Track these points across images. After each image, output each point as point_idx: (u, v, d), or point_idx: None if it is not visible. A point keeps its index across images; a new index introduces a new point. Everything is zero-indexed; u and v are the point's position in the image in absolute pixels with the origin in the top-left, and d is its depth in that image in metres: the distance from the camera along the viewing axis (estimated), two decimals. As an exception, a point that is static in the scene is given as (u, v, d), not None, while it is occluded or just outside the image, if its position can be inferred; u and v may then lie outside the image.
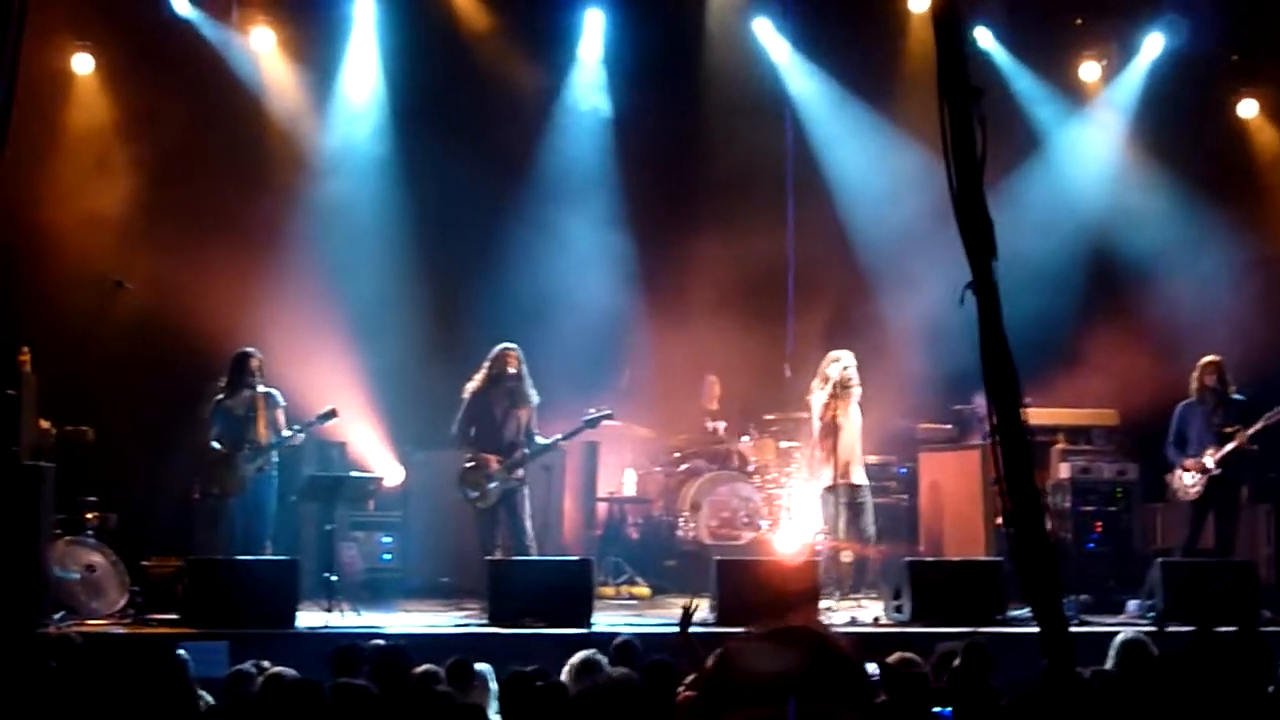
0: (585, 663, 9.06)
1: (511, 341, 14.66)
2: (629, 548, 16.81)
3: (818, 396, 14.94)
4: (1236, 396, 14.92)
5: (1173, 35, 18.14)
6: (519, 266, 17.21)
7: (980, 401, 17.11)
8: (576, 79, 18.17)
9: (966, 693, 8.28)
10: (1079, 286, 17.66)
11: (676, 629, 9.35)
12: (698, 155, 18.09)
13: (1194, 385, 14.99)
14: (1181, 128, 18.31)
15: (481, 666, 9.24)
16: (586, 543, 16.42)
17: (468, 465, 14.36)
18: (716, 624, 13.09)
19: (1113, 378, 16.71)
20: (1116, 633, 9.48)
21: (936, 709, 7.74)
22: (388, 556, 15.89)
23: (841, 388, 14.83)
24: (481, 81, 17.53)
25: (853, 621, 13.72)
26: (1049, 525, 14.29)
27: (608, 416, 14.83)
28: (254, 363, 14.51)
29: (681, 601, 14.99)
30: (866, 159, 18.11)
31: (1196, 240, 17.91)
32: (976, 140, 4.47)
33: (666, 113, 18.18)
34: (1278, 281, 17.55)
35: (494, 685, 8.99)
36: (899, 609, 13.69)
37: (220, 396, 14.46)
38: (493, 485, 14.24)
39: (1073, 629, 4.40)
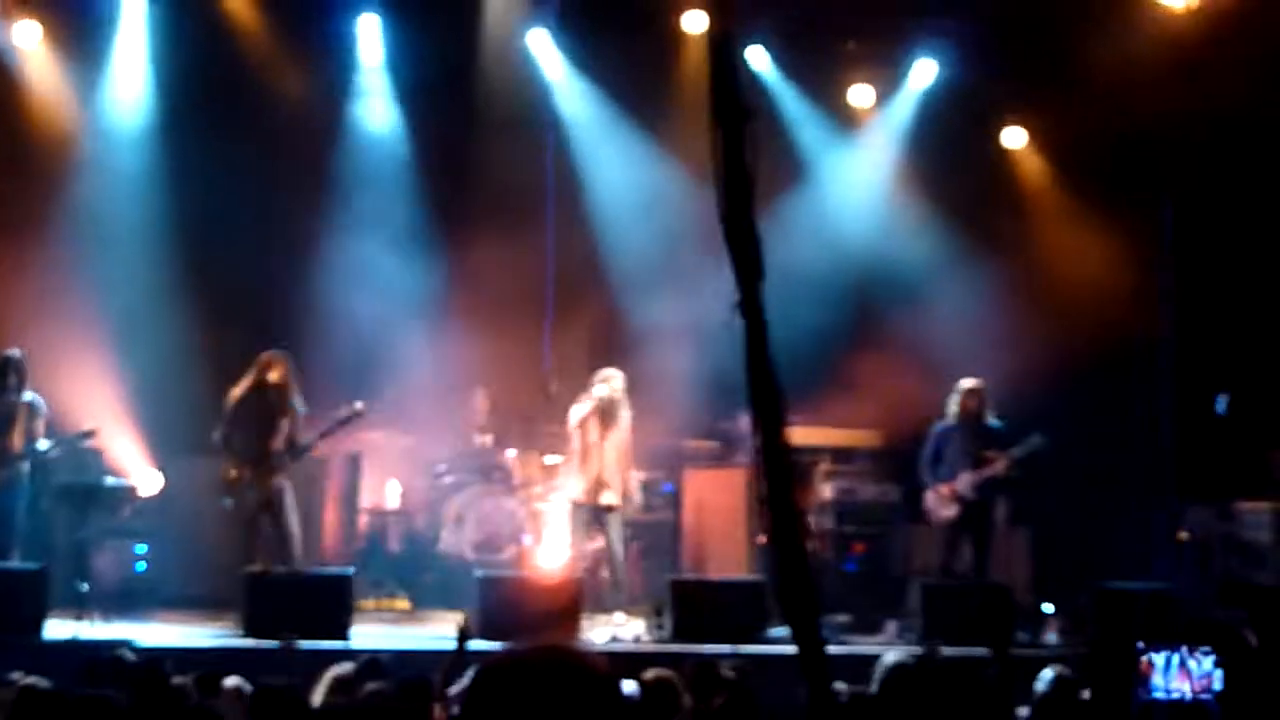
0: (338, 680, 8.94)
1: (279, 349, 14.42)
2: (390, 560, 16.63)
3: (577, 411, 14.88)
4: (994, 422, 15.15)
5: (943, 63, 18.45)
6: (287, 274, 16.94)
7: (744, 420, 17.26)
8: (352, 86, 17.97)
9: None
10: (846, 309, 17.83)
11: (454, 645, 9.29)
12: (469, 167, 17.98)
13: (954, 409, 15.18)
14: (950, 154, 18.61)
15: (233, 680, 9.09)
16: (347, 555, 16.17)
17: (229, 474, 14.05)
18: (481, 637, 13.05)
19: (877, 400, 16.90)
20: (876, 654, 9.58)
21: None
22: (143, 566, 15.51)
23: (607, 407, 14.78)
24: (255, 85, 17.25)
25: (614, 639, 13.72)
26: (811, 545, 14.47)
27: (360, 414, 14.56)
28: (13, 367, 14.15)
29: (443, 616, 15.03)
30: (631, 176, 18.16)
31: (961, 266, 18.22)
32: (747, 162, 4.44)
33: (441, 123, 18.03)
34: (1038, 308, 17.91)
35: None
36: (660, 626, 13.71)
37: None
38: (252, 495, 13.96)
39: (832, 649, 4.39)
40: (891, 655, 9.38)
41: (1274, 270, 17.35)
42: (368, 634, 13.24)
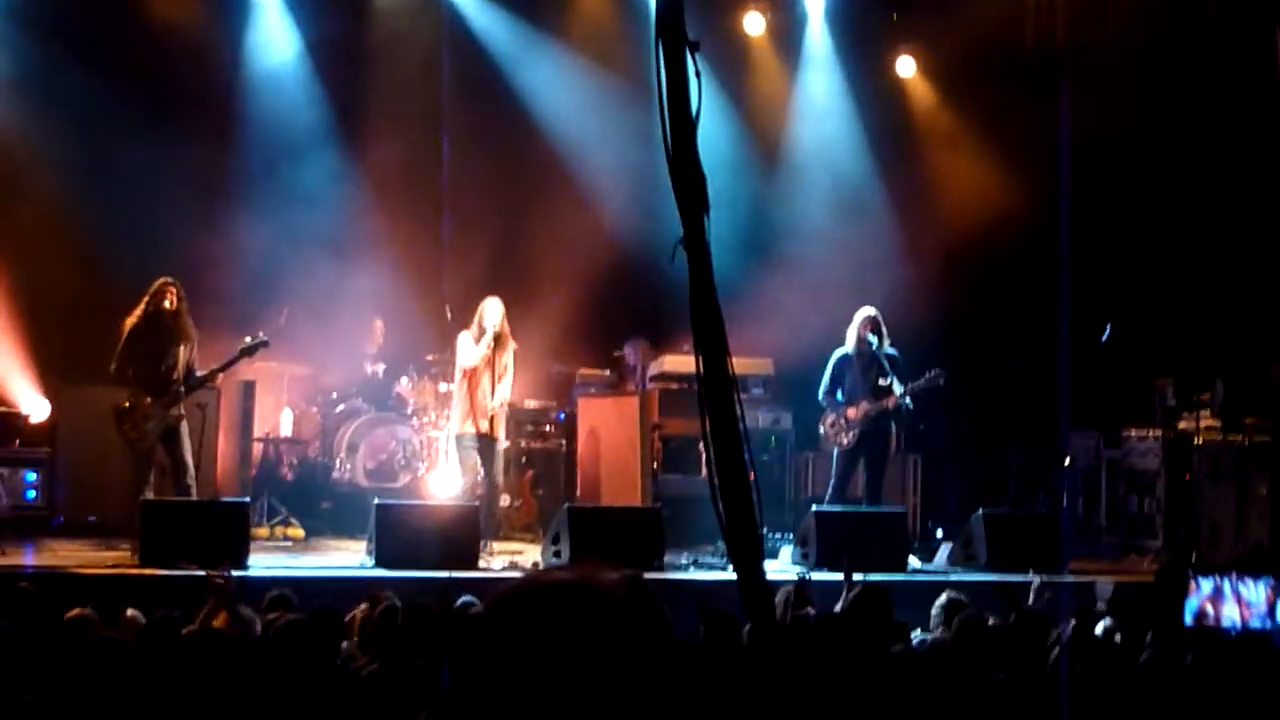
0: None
1: (170, 276, 14.24)
2: (284, 489, 16.54)
3: (465, 341, 14.80)
4: (890, 351, 15.27)
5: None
6: (176, 200, 16.73)
7: (630, 350, 17.32)
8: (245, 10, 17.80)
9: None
10: (735, 235, 17.88)
11: None
12: (365, 92, 17.88)
13: (852, 337, 15.29)
14: (841, 80, 18.72)
15: (131, 611, 9.04)
16: (241, 483, 16.04)
17: (124, 405, 13.85)
18: (373, 567, 13.09)
19: (768, 327, 16.95)
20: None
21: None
22: (33, 494, 15.34)
23: (492, 336, 14.70)
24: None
25: (513, 565, 13.77)
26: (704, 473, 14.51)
27: (264, 344, 14.37)
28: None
29: (338, 544, 15.03)
30: (533, 98, 18.16)
31: (852, 192, 18.39)
32: (692, 93, 4.46)
33: (336, 48, 17.88)
34: (929, 234, 18.07)
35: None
36: (557, 554, 13.76)
37: None
38: (150, 425, 13.79)
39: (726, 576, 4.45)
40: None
41: (1165, 198, 17.55)
42: (265, 563, 13.18)
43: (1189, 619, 9.55)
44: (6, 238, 16.17)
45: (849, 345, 15.29)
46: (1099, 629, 9.33)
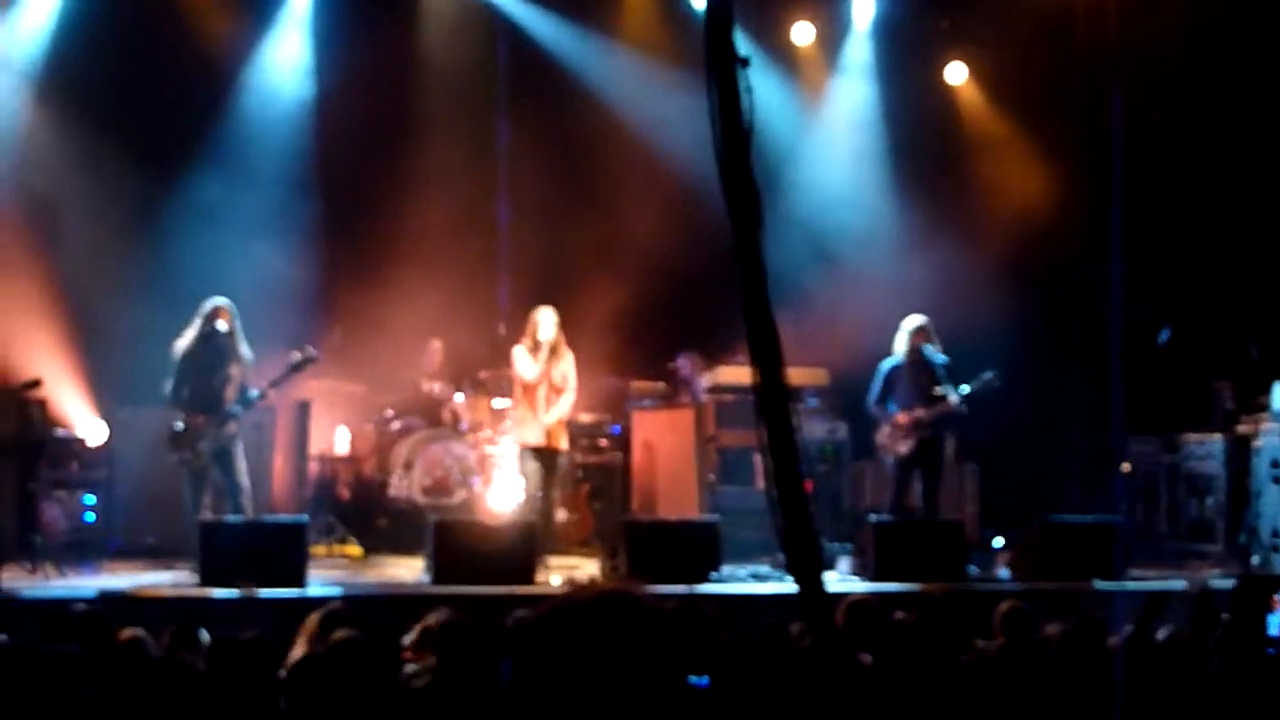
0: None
1: (222, 298, 14.30)
2: (341, 507, 16.59)
3: (520, 354, 14.84)
4: (941, 358, 15.21)
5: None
6: (223, 223, 16.80)
7: (683, 362, 17.29)
8: (276, 23, 17.88)
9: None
10: (788, 246, 17.85)
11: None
12: (416, 112, 17.95)
13: (903, 346, 15.23)
14: (893, 90, 18.70)
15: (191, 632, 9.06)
16: (298, 502, 16.14)
17: (178, 428, 13.89)
18: (431, 584, 13.11)
19: (822, 338, 16.90)
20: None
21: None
22: (92, 517, 15.42)
23: (546, 349, 14.74)
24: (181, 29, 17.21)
25: (570, 580, 13.76)
26: (761, 486, 14.44)
27: (313, 359, 14.42)
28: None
29: (396, 561, 15.07)
30: (587, 113, 18.22)
31: (904, 201, 18.33)
32: (743, 108, 4.44)
33: (382, 70, 17.95)
34: (982, 242, 17.99)
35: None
36: (615, 568, 13.75)
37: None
38: (204, 444, 13.84)
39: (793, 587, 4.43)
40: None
41: (1218, 201, 17.46)
42: (324, 581, 13.23)
43: (1274, 631, 9.46)
44: (62, 263, 16.25)
45: (899, 353, 15.24)
46: (1160, 635, 9.25)
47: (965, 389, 14.87)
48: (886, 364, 15.31)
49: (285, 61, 17.80)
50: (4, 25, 16.63)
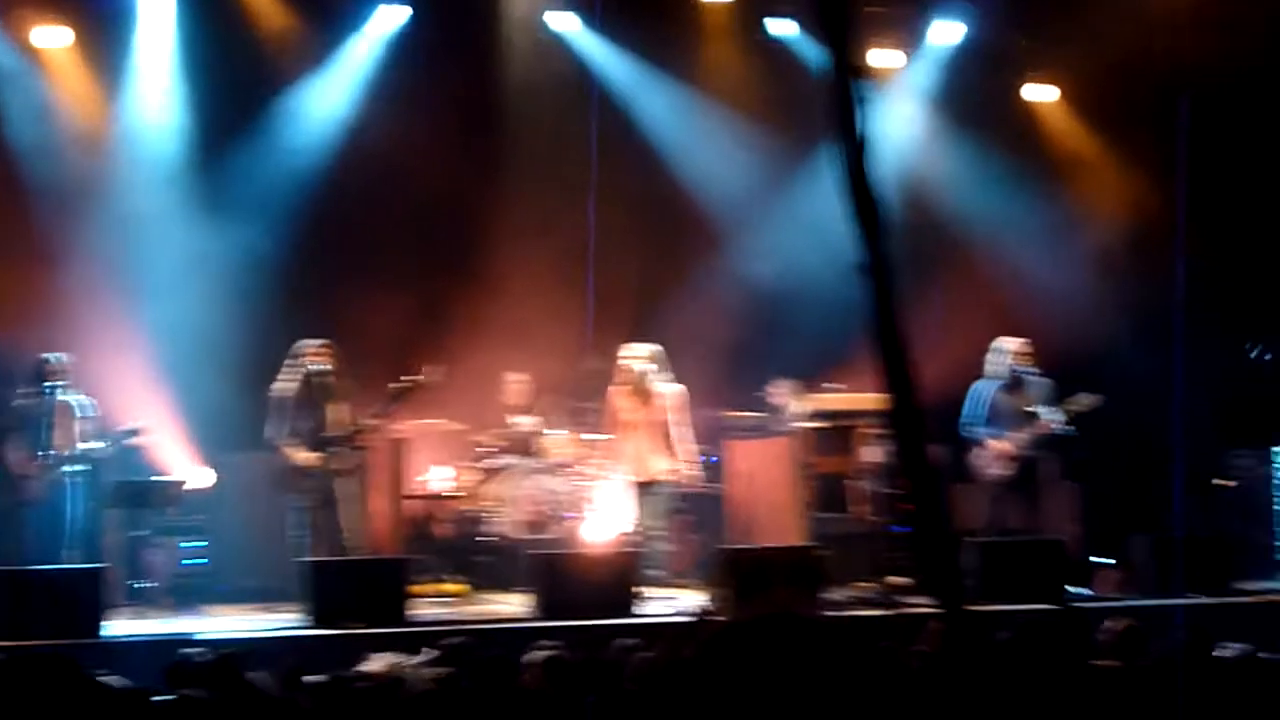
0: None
1: (316, 340, 14.42)
2: (439, 545, 16.62)
3: (613, 394, 14.93)
4: (1040, 380, 15.14)
5: (966, 22, 18.47)
6: (324, 266, 17.01)
7: (775, 390, 17.24)
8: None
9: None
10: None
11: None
12: (501, 141, 18.06)
13: (999, 368, 15.17)
14: (976, 112, 18.66)
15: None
16: (397, 541, 16.19)
17: (288, 467, 14.01)
18: (536, 619, 13.14)
19: (917, 359, 16.80)
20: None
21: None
22: (196, 561, 15.53)
23: (636, 382, 14.79)
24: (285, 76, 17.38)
25: (678, 612, 13.73)
26: (859, 510, 14.40)
27: (413, 385, 14.56)
28: (53, 368, 14.21)
29: (499, 597, 15.09)
30: (673, 140, 18.27)
31: (994, 223, 18.25)
32: (858, 120, 4.43)
33: (471, 95, 18.07)
34: (1073, 261, 17.91)
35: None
36: (718, 597, 13.71)
37: (19, 403, 14.18)
38: (310, 484, 13.93)
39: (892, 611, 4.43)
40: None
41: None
42: (428, 618, 13.29)
43: None
44: (160, 312, 16.38)
45: (996, 375, 15.17)
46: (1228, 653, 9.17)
47: (1064, 410, 14.79)
48: (979, 385, 15.25)
49: (368, 105, 17.89)
50: None
